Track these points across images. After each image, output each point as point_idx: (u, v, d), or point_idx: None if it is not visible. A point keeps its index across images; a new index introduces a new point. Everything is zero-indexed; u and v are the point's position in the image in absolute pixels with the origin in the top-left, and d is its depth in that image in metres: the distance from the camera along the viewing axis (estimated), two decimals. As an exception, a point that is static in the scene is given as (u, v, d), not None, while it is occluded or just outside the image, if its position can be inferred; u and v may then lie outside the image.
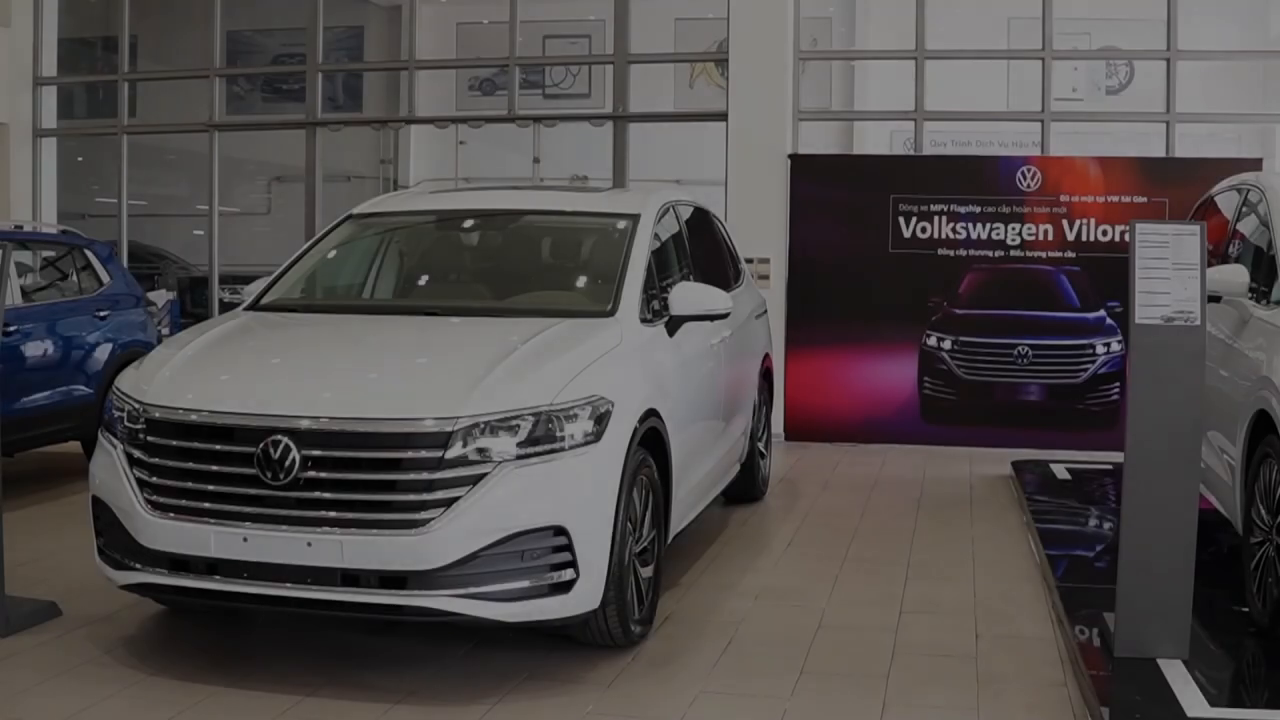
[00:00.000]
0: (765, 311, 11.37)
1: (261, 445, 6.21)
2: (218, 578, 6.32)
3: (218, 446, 6.37)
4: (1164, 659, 6.66)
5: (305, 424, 6.26)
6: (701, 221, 10.24)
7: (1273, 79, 19.17)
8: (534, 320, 7.42)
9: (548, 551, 6.32)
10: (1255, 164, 13.28)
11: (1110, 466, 11.97)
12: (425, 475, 6.16)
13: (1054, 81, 15.05)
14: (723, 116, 15.13)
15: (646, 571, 7.21)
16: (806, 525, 10.28)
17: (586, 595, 6.47)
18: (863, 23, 21.67)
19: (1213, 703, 6.18)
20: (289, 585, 6.22)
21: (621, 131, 15.92)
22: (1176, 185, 13.50)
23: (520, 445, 6.30)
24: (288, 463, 6.17)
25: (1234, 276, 8.08)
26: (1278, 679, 6.69)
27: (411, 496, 6.15)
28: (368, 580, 6.16)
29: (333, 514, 6.16)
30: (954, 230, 13.96)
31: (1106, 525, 10.31)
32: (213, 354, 7.24)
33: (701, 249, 9.88)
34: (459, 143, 21.76)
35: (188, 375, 6.89)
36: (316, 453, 6.20)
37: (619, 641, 6.94)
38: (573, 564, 6.37)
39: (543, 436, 6.37)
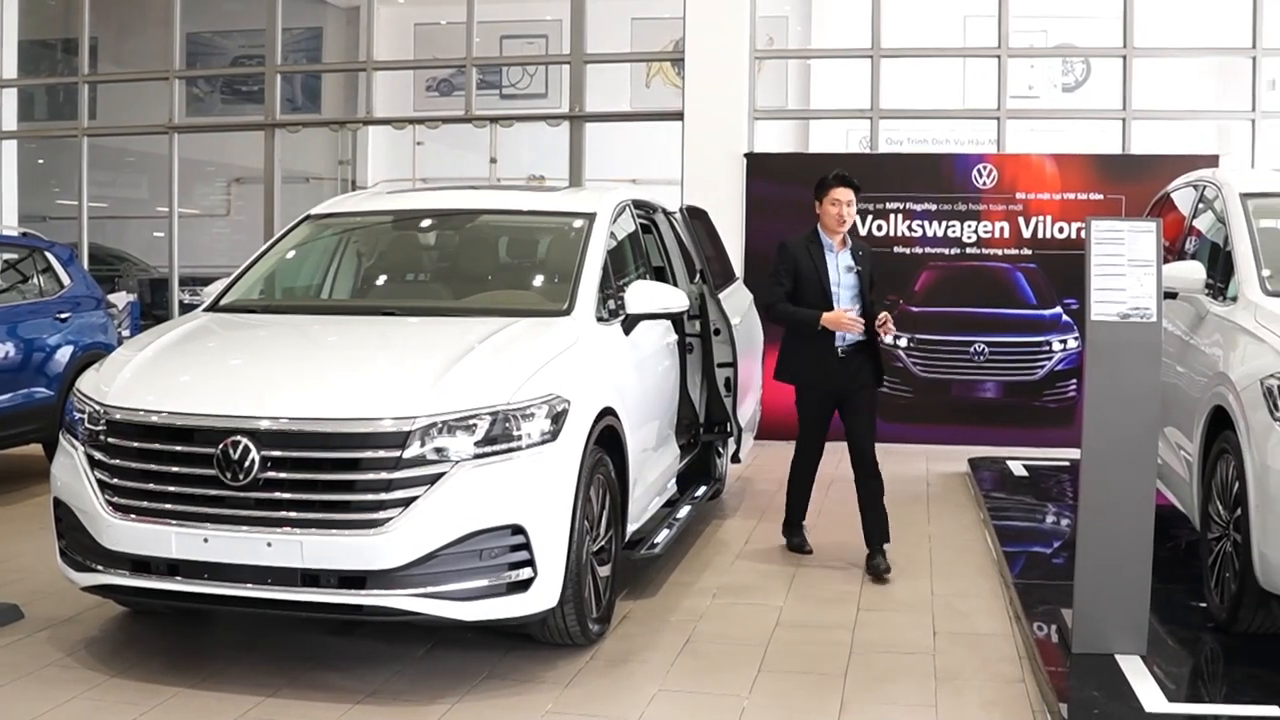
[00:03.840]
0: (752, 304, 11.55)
1: (221, 446, 6.24)
2: (179, 579, 6.33)
3: (178, 448, 6.38)
4: (1122, 654, 6.73)
5: (264, 425, 6.28)
6: (696, 220, 10.64)
7: (1229, 76, 19.27)
8: (491, 320, 7.45)
9: (505, 550, 6.35)
10: (1212, 160, 13.34)
11: (1067, 463, 12.07)
12: (383, 475, 6.19)
13: (1010, 79, 15.13)
14: (679, 116, 15.20)
15: (604, 570, 7.27)
16: (764, 523, 10.29)
17: (544, 594, 6.50)
18: (819, 21, 21.74)
19: (1171, 698, 6.25)
20: (249, 586, 6.24)
21: (578, 131, 15.97)
22: (1133, 182, 13.58)
23: (478, 444, 6.34)
24: (247, 463, 6.20)
25: (1190, 273, 8.14)
26: (1235, 674, 6.74)
27: (370, 496, 6.18)
28: (327, 580, 6.19)
29: (292, 514, 6.19)
30: (910, 228, 14.01)
31: (1064, 522, 10.35)
32: (173, 355, 7.26)
33: (700, 247, 10.29)
34: (416, 143, 21.79)
35: (148, 377, 6.90)
36: (276, 453, 6.23)
37: (577, 640, 6.99)
38: (530, 563, 6.40)
39: (500, 436, 6.40)
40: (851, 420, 9.06)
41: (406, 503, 6.16)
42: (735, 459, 10.36)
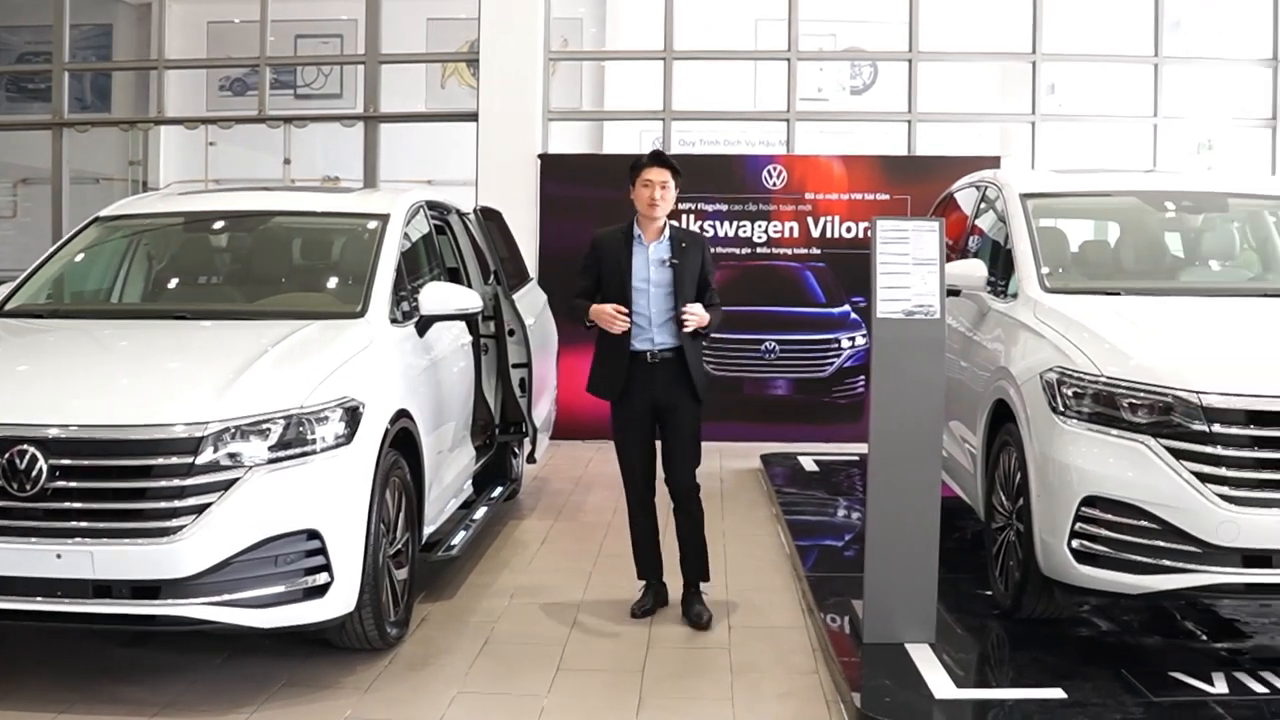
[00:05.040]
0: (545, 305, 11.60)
1: (7, 455, 6.10)
2: (-36, 595, 6.19)
3: (-39, 458, 6.24)
4: (911, 643, 6.93)
5: (53, 432, 6.16)
6: (491, 221, 10.60)
7: (1010, 80, 19.70)
8: (284, 323, 7.44)
9: (301, 556, 6.34)
10: (994, 162, 13.72)
11: (857, 457, 12.25)
12: (176, 482, 6.11)
13: (799, 81, 15.34)
14: (473, 117, 15.17)
15: (401, 573, 7.28)
16: (560, 523, 10.41)
17: (341, 599, 6.49)
18: (613, 23, 21.80)
19: (959, 684, 6.47)
20: (39, 599, 6.09)
21: (373, 132, 15.88)
22: (918, 182, 13.87)
23: (271, 449, 6.31)
24: (34, 473, 6.06)
25: (972, 271, 8.36)
26: (1020, 658, 6.95)
27: (163, 504, 6.09)
28: (120, 591, 6.09)
29: (83, 524, 6.07)
30: (701, 228, 14.02)
31: (854, 515, 10.55)
32: (-45, 363, 7.08)
33: (495, 248, 10.26)
34: (209, 144, 21.44)
35: (-71, 385, 6.72)
36: (65, 462, 6.11)
37: (375, 644, 6.99)
38: (327, 568, 6.39)
39: (294, 440, 6.38)
40: (668, 442, 7.90)
41: (200, 510, 6.09)
42: (531, 459, 10.40)
